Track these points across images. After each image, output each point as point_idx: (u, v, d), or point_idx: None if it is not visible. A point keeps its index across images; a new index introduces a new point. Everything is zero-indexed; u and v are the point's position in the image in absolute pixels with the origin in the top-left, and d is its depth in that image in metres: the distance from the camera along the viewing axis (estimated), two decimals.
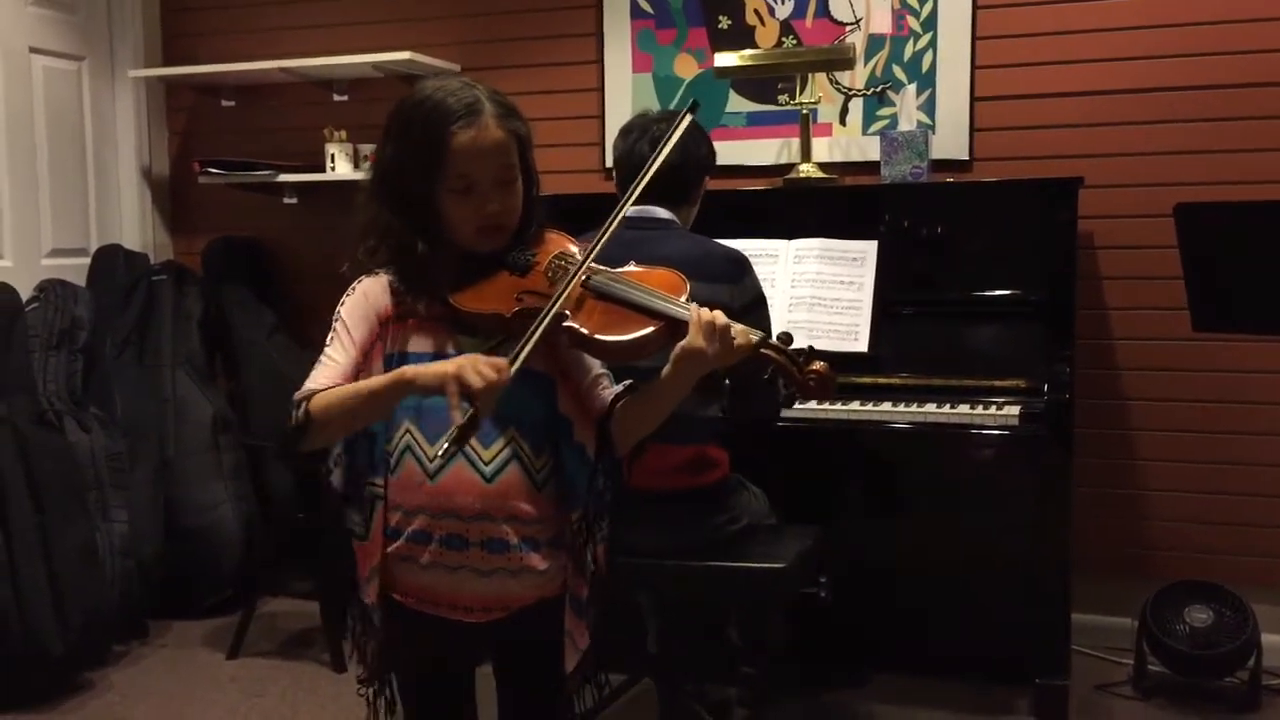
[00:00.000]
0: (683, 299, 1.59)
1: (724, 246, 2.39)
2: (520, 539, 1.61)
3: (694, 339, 1.51)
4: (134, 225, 4.13)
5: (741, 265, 2.37)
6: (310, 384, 1.59)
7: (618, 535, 1.68)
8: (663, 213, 2.37)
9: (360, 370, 1.61)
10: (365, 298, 1.65)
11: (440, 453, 1.49)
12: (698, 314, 1.52)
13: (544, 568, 1.64)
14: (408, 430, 1.60)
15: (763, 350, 1.54)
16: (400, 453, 1.61)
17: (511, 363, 1.48)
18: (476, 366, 1.45)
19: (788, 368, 1.54)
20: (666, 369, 1.57)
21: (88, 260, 3.92)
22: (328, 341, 1.64)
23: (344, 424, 1.57)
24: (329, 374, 1.59)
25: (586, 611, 1.66)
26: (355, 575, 1.68)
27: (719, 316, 1.52)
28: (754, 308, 2.34)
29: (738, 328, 1.53)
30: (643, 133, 2.41)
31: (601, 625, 1.68)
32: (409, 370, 1.52)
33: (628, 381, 1.65)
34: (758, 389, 1.62)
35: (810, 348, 1.55)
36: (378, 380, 1.55)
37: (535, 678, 1.73)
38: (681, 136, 2.34)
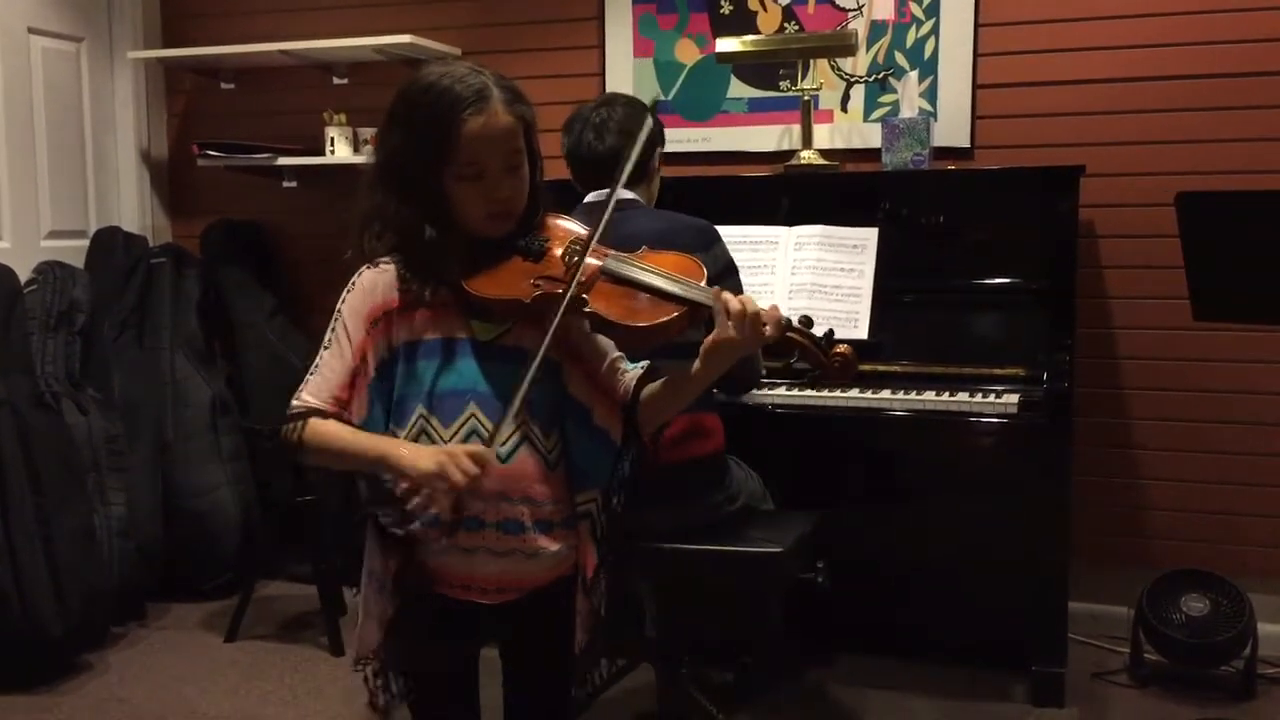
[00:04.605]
0: (702, 283, 1.59)
1: (688, 217, 2.44)
2: (534, 521, 1.62)
3: (725, 329, 1.52)
4: (133, 208, 4.12)
5: (708, 234, 2.42)
6: (307, 394, 1.60)
7: (628, 516, 1.69)
8: (625, 193, 2.42)
9: (356, 373, 1.61)
10: (365, 292, 1.64)
11: (438, 548, 1.58)
12: (729, 303, 1.53)
13: (557, 548, 1.65)
14: (421, 415, 1.60)
15: (789, 334, 1.55)
16: (414, 438, 1.60)
17: (491, 443, 1.50)
18: (459, 463, 1.46)
19: (813, 351, 1.55)
20: (696, 363, 1.57)
21: (86, 242, 3.91)
22: (326, 340, 1.63)
23: (331, 463, 1.60)
24: (326, 385, 1.60)
25: (596, 592, 1.67)
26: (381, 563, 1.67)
27: (749, 303, 1.53)
28: (726, 275, 2.37)
29: (766, 313, 1.53)
30: (584, 124, 2.48)
31: (610, 606, 1.68)
32: (397, 455, 1.52)
33: (644, 363, 1.65)
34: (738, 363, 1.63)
35: (830, 332, 1.56)
36: (368, 446, 1.56)
37: (545, 658, 1.74)
38: (624, 120, 2.44)
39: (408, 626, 1.69)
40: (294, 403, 1.60)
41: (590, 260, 1.60)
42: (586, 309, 1.57)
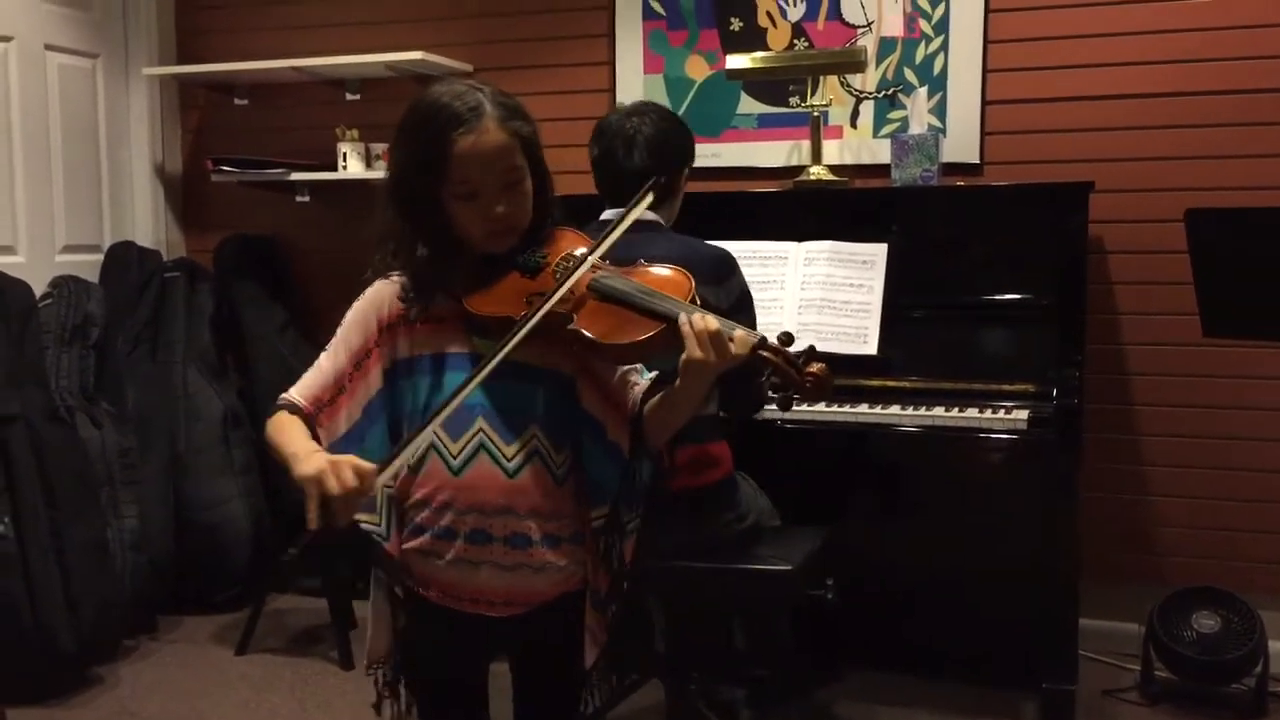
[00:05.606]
0: (686, 300, 1.58)
1: (710, 246, 2.40)
2: (542, 535, 1.63)
3: (691, 350, 1.51)
4: (147, 222, 4.15)
5: (727, 264, 2.37)
6: (293, 389, 1.63)
7: (646, 532, 1.69)
8: (647, 215, 2.38)
9: (349, 378, 1.63)
10: (370, 303, 1.67)
11: (286, 558, 1.49)
12: (690, 324, 1.51)
13: (564, 563, 1.66)
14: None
15: (761, 352, 1.54)
16: (425, 450, 1.61)
17: (381, 469, 1.47)
18: (340, 473, 1.43)
19: (785, 369, 1.53)
20: (677, 380, 1.57)
21: (101, 257, 3.94)
22: (328, 344, 1.67)
23: (276, 458, 1.58)
24: (313, 383, 1.62)
25: (608, 607, 1.67)
26: (384, 567, 1.69)
27: (711, 323, 1.51)
28: (741, 307, 2.35)
29: (736, 332, 1.52)
30: (614, 135, 2.43)
31: (621, 621, 1.69)
32: (294, 455, 1.51)
33: (653, 374, 1.65)
34: (740, 384, 1.62)
35: (810, 348, 1.54)
36: (286, 443, 1.55)
37: (554, 673, 1.74)
38: (654, 136, 2.40)
39: (416, 636, 1.70)
40: (279, 399, 1.63)
41: (580, 277, 1.59)
42: (569, 327, 1.57)
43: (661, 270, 1.65)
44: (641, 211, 1.70)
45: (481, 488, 1.60)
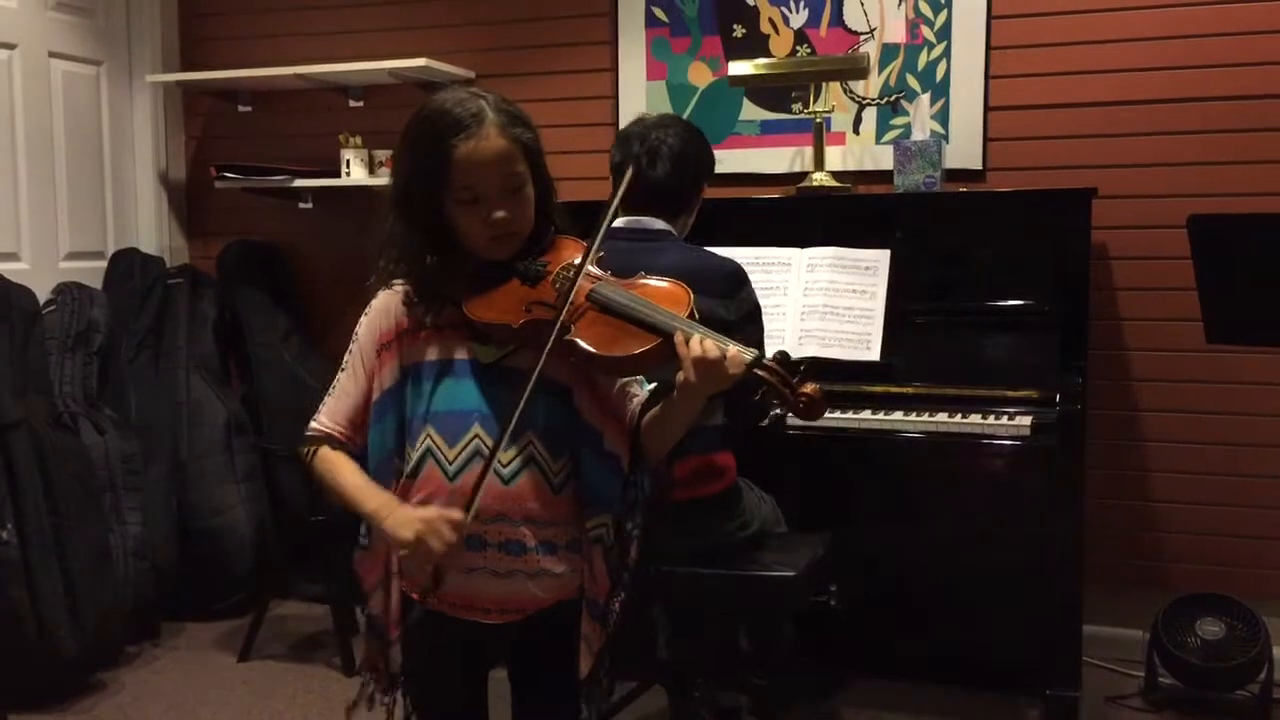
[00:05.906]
0: (685, 314, 1.58)
1: (720, 258, 2.39)
2: (538, 541, 1.63)
3: (686, 371, 1.52)
4: (150, 229, 4.16)
5: (737, 278, 2.36)
6: (324, 416, 1.66)
7: (646, 542, 1.69)
8: (658, 223, 2.38)
9: (366, 394, 1.66)
10: (378, 314, 1.68)
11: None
12: (684, 343, 1.52)
13: (561, 570, 1.66)
14: (428, 435, 1.62)
15: (756, 372, 1.54)
16: (421, 457, 1.63)
17: (467, 510, 1.53)
18: (436, 531, 1.51)
19: (779, 389, 1.53)
20: (675, 395, 1.57)
21: (104, 263, 3.95)
22: (343, 362, 1.69)
23: (331, 497, 1.65)
24: (340, 409, 1.66)
25: (605, 615, 1.67)
26: (361, 587, 1.70)
27: (704, 343, 1.52)
28: (749, 320, 2.35)
29: (731, 352, 1.52)
30: (641, 142, 2.41)
31: (620, 630, 1.69)
32: (386, 522, 1.56)
33: (652, 386, 1.66)
34: (739, 397, 1.62)
35: (803, 369, 1.54)
36: (361, 499, 1.61)
37: (552, 680, 1.74)
38: (676, 147, 2.39)
39: (411, 645, 1.70)
40: (311, 424, 1.66)
41: (580, 288, 1.59)
42: (567, 337, 1.57)
43: (660, 283, 1.65)
44: (619, 197, 1.70)
45: None
